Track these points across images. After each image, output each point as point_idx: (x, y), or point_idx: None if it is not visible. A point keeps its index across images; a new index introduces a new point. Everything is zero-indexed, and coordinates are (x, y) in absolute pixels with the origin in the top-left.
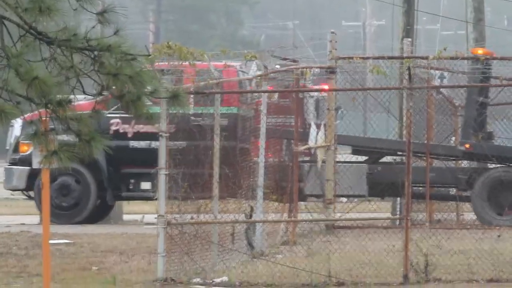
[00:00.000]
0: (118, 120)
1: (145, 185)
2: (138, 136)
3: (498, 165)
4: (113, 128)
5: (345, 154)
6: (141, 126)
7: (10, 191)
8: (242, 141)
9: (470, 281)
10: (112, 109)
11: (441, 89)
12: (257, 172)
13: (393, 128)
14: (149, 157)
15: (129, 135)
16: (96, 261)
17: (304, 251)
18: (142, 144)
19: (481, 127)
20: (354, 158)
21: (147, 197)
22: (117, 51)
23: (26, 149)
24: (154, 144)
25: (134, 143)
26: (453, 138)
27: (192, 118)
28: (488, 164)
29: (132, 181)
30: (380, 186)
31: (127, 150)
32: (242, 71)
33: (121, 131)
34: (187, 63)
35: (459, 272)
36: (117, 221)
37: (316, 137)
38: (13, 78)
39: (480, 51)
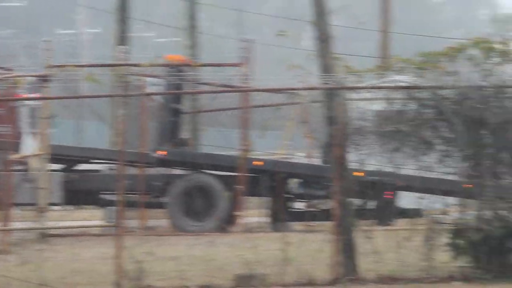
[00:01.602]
0: None
1: None
2: None
3: (192, 172)
4: None
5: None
6: None
7: None
8: None
9: (182, 287)
10: None
11: (155, 96)
12: None
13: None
14: None
15: None
16: None
17: (17, 259)
18: None
19: (176, 134)
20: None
21: None
22: None
23: None
24: None
25: None
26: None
27: None
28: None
29: None
30: (78, 194)
31: None
32: None
33: None
34: None
35: (172, 279)
36: None
37: (29, 146)
38: None
39: (177, 58)
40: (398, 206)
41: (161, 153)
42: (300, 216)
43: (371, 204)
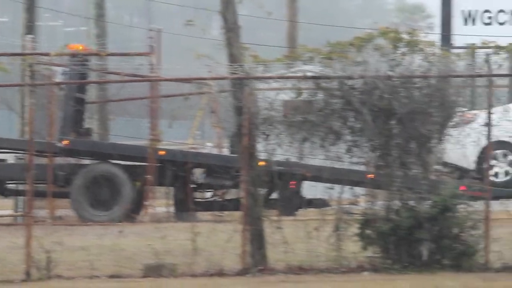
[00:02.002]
0: None
1: None
2: None
3: (96, 161)
4: None
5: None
6: None
7: None
8: None
9: (92, 277)
10: None
11: (63, 85)
12: None
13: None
14: None
15: None
16: None
17: None
18: None
19: (79, 124)
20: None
21: None
22: None
23: None
24: None
25: None
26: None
27: None
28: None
29: None
30: None
31: None
32: None
33: None
34: None
35: (81, 269)
36: None
37: None
38: None
39: (80, 47)
40: (303, 196)
41: (64, 142)
42: (208, 206)
43: (276, 194)
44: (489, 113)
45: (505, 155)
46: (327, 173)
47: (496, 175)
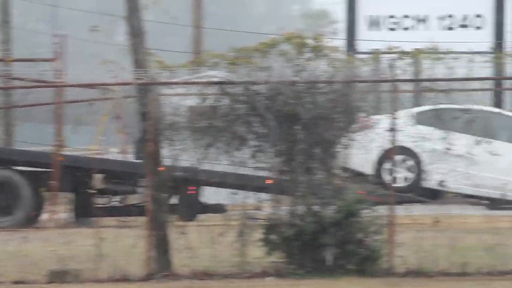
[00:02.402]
0: None
1: None
2: None
3: None
4: None
5: None
6: None
7: None
8: None
9: None
10: None
11: None
12: None
13: None
14: None
15: None
16: None
17: None
18: None
19: None
20: None
21: None
22: None
23: None
24: None
25: None
26: None
27: None
28: None
29: None
30: None
31: None
32: None
33: None
34: None
35: None
36: None
37: None
38: None
39: None
40: (201, 202)
41: None
42: (112, 212)
43: (175, 199)
44: (393, 118)
45: (404, 161)
46: (228, 178)
47: (395, 180)
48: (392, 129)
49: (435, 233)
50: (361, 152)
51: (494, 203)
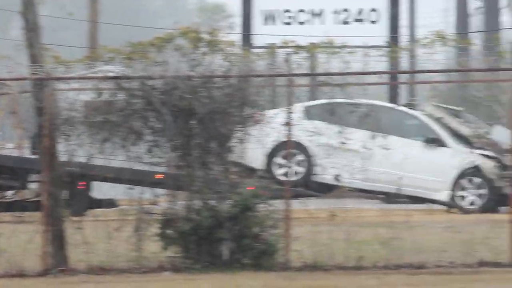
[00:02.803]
0: None
1: None
2: None
3: None
4: None
5: None
6: None
7: None
8: None
9: None
10: None
11: None
12: None
13: None
14: None
15: None
16: None
17: None
18: None
19: None
20: None
21: None
22: None
23: None
24: None
25: None
26: None
27: None
28: None
29: None
30: None
31: None
32: None
33: None
34: None
35: None
36: None
37: None
38: None
39: None
40: (91, 197)
41: None
42: (6, 207)
43: (65, 194)
44: (289, 112)
45: (294, 155)
46: (122, 173)
47: (286, 174)
48: (287, 124)
49: (331, 227)
50: (253, 146)
51: (389, 197)
